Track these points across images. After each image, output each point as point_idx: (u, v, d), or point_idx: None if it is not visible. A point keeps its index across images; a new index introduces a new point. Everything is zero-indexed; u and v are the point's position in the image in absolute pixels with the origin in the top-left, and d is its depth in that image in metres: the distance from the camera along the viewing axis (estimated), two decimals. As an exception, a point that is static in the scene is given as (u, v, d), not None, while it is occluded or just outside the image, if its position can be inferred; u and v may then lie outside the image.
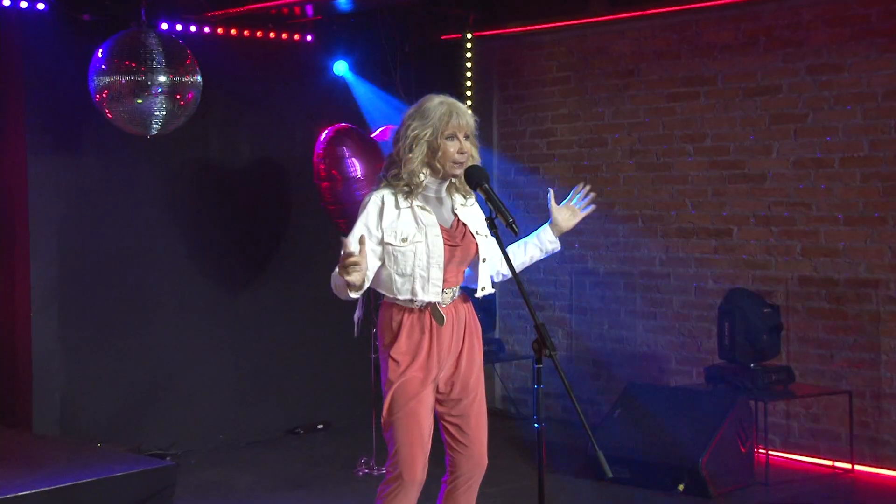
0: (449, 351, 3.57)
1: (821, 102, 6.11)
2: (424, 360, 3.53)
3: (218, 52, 6.31)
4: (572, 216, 3.88)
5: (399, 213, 3.51)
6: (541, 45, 7.39)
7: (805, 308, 6.20)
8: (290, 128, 6.77)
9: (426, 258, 3.49)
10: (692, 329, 6.69)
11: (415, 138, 3.49)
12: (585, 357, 7.20)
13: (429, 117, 3.49)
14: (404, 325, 3.54)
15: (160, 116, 5.34)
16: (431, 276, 3.49)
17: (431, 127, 3.48)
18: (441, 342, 3.54)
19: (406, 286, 3.50)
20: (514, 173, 7.56)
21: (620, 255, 7.02)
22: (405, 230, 3.50)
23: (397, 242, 3.49)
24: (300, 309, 6.82)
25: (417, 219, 3.51)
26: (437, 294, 3.50)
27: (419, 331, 3.53)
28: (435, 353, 3.54)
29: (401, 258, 3.50)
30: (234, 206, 6.62)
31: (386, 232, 3.50)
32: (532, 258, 3.84)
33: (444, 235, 3.53)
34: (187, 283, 6.44)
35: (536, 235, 3.84)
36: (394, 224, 3.51)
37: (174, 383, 6.37)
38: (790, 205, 6.25)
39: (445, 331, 3.55)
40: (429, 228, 3.50)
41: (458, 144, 3.50)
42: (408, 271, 3.50)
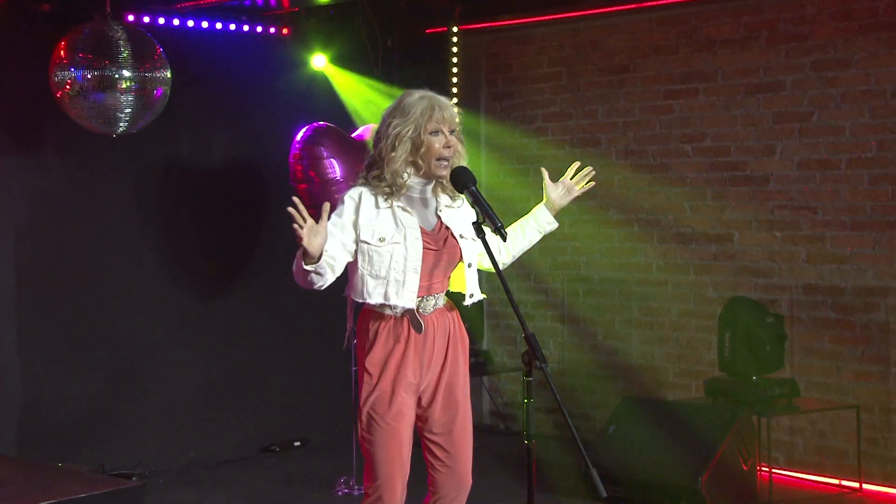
0: (430, 362, 3.56)
1: (827, 100, 6.13)
2: (402, 371, 3.51)
3: (188, 46, 6.29)
4: (567, 193, 3.93)
5: (378, 212, 3.52)
6: (531, 38, 7.40)
7: (810, 318, 6.21)
8: (266, 126, 6.76)
9: (403, 261, 3.48)
10: (691, 340, 6.69)
11: (397, 136, 3.49)
12: (578, 370, 7.20)
13: (410, 113, 3.50)
14: (380, 333, 3.53)
15: (126, 114, 5.32)
16: (407, 280, 3.48)
17: (413, 123, 3.49)
18: (420, 352, 3.53)
19: (378, 290, 3.50)
20: (503, 175, 7.56)
21: (615, 261, 7.03)
22: (383, 230, 3.49)
23: (374, 241, 3.49)
24: (276, 318, 6.81)
25: (397, 219, 3.51)
26: (412, 300, 3.49)
27: (395, 339, 3.52)
28: (414, 364, 3.52)
29: (376, 259, 3.49)
30: (206, 210, 6.60)
31: (362, 229, 3.50)
32: (531, 241, 3.90)
33: (425, 239, 3.52)
34: (155, 292, 6.41)
35: (533, 217, 3.89)
36: (371, 222, 3.50)
37: (141, 398, 6.34)
38: (794, 208, 6.26)
39: (426, 340, 3.54)
40: (408, 230, 3.50)
41: (444, 139, 3.51)
42: (382, 273, 3.49)
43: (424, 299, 3.54)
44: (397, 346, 3.52)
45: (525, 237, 3.88)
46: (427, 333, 3.54)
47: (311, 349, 6.86)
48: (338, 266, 3.50)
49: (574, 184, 3.94)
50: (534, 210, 3.91)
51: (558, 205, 3.91)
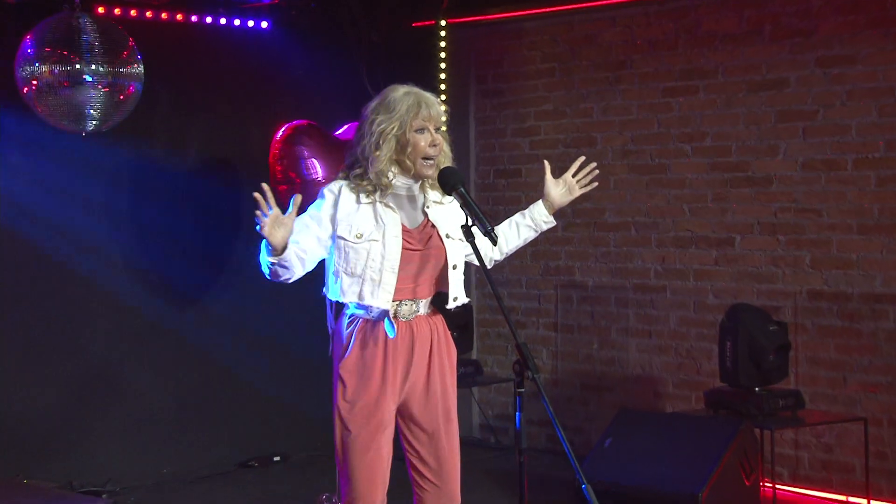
0: (406, 372, 3.54)
1: (832, 98, 6.15)
2: (379, 380, 3.50)
3: (162, 40, 6.28)
4: (568, 192, 3.89)
5: (358, 207, 3.52)
6: (522, 33, 7.40)
7: (815, 326, 6.22)
8: (244, 125, 6.75)
9: (380, 259, 3.48)
10: (690, 349, 6.70)
11: (381, 134, 3.49)
12: (572, 380, 7.19)
13: (395, 110, 3.50)
14: (355, 337, 3.52)
15: (97, 112, 5.30)
16: (383, 280, 3.48)
17: (399, 120, 3.49)
18: (400, 360, 3.52)
19: (353, 288, 3.49)
20: (494, 176, 7.56)
21: (611, 266, 7.03)
22: (362, 226, 3.50)
23: (351, 238, 3.49)
24: (254, 326, 6.79)
25: (378, 215, 3.51)
26: (387, 301, 3.48)
27: (372, 344, 3.51)
28: (392, 372, 3.50)
29: (352, 255, 3.49)
30: (181, 214, 6.58)
31: (340, 224, 3.51)
32: (525, 239, 3.89)
33: (406, 238, 3.52)
34: (127, 299, 6.39)
35: (529, 213, 3.86)
36: (350, 217, 3.51)
37: (111, 410, 6.31)
38: (798, 211, 6.28)
39: (406, 348, 3.52)
40: (388, 227, 3.49)
41: (430, 137, 3.50)
42: (357, 271, 3.49)
43: (404, 303, 3.53)
44: (374, 352, 3.50)
45: (519, 235, 3.86)
46: (406, 341, 3.52)
47: (291, 358, 6.84)
48: (309, 260, 3.52)
49: (575, 182, 3.89)
50: (531, 206, 3.88)
51: (558, 203, 3.87)
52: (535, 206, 3.86)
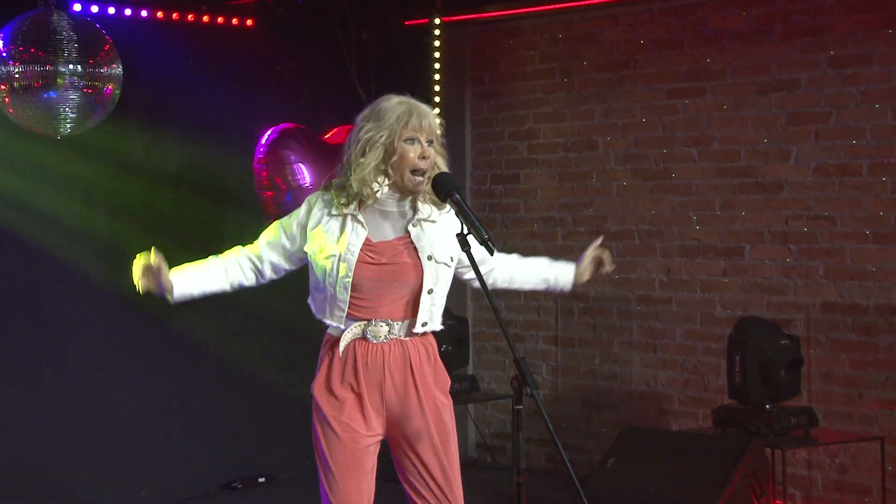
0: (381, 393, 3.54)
1: (846, 100, 6.16)
2: (355, 403, 3.53)
3: (141, 39, 6.28)
4: (591, 266, 3.94)
5: (328, 220, 3.57)
6: (520, 31, 7.41)
7: (829, 339, 6.22)
8: (227, 128, 6.74)
9: (335, 275, 3.53)
10: (697, 364, 6.69)
11: (368, 141, 3.50)
12: (573, 397, 7.18)
13: (385, 118, 3.51)
14: (325, 355, 3.60)
15: (73, 114, 5.29)
16: (338, 296, 3.53)
17: (388, 129, 3.49)
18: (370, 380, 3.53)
19: (320, 305, 3.61)
20: (490, 182, 7.56)
21: (614, 276, 7.02)
22: (325, 240, 3.55)
23: (313, 253, 3.58)
24: (238, 342, 6.78)
25: (345, 230, 3.53)
26: (341, 319, 3.53)
27: (339, 363, 3.55)
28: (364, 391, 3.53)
29: (317, 270, 3.58)
30: (161, 221, 6.56)
31: (310, 239, 3.59)
32: (535, 285, 3.92)
33: (367, 252, 3.50)
34: (104, 310, 6.37)
35: (554, 267, 3.90)
36: (316, 230, 3.57)
37: (87, 428, 6.29)
38: (811, 219, 6.28)
39: (372, 368, 3.53)
40: (350, 242, 3.51)
41: (420, 148, 3.49)
42: (320, 287, 3.58)
43: (375, 323, 3.53)
44: (344, 374, 3.55)
45: (530, 276, 3.87)
46: (378, 364, 3.52)
47: (277, 376, 6.82)
48: (267, 270, 3.68)
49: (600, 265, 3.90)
50: (562, 263, 3.90)
51: (581, 277, 3.92)
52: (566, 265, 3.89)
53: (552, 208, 7.26)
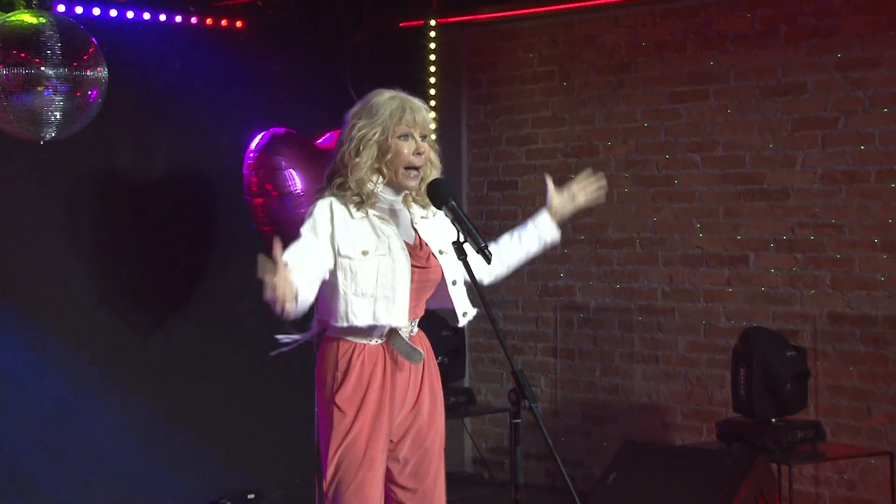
0: (403, 401, 3.55)
1: (854, 104, 6.16)
2: (375, 411, 3.50)
3: (127, 41, 6.27)
4: (571, 200, 3.91)
5: (355, 223, 3.51)
6: (518, 33, 7.41)
7: (836, 351, 6.22)
8: (216, 132, 6.73)
9: (391, 274, 3.48)
10: (701, 376, 6.69)
11: (361, 139, 3.50)
12: (573, 410, 7.18)
13: (377, 114, 3.51)
14: (354, 364, 3.51)
15: (56, 118, 5.28)
16: (398, 296, 3.48)
17: (381, 125, 3.50)
18: (395, 388, 3.52)
19: (366, 310, 3.47)
20: (487, 188, 7.55)
21: (615, 286, 7.02)
22: (365, 241, 3.49)
23: (356, 255, 3.47)
24: (226, 354, 6.76)
25: (377, 229, 3.50)
26: (404, 318, 3.49)
27: (371, 372, 3.50)
28: (388, 402, 3.51)
29: (361, 274, 3.47)
30: (147, 229, 6.56)
31: (341, 243, 3.48)
32: (528, 252, 3.88)
33: (409, 250, 3.53)
34: (87, 322, 6.36)
35: (533, 224, 3.87)
36: (349, 233, 3.49)
37: (67, 444, 6.27)
38: (817, 227, 6.28)
39: (402, 373, 3.53)
40: (391, 240, 3.50)
41: (414, 144, 3.51)
42: (369, 291, 3.47)
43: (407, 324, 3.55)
44: (374, 381, 3.50)
45: (522, 245, 3.86)
46: (405, 367, 3.53)
47: (266, 389, 6.81)
48: (315, 287, 3.44)
49: (579, 192, 3.91)
50: (535, 217, 3.89)
51: (559, 213, 3.89)
52: (539, 215, 3.87)
53: (551, 216, 7.24)
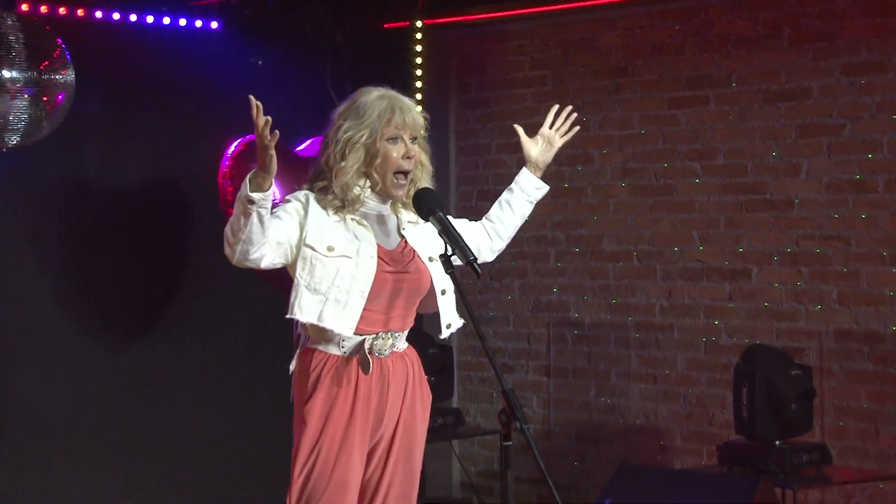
0: (380, 417, 3.54)
1: (860, 110, 6.18)
2: (349, 428, 3.49)
3: (96, 42, 6.25)
4: (549, 146, 4.00)
5: (329, 219, 3.52)
6: (509, 35, 7.42)
7: (843, 370, 6.22)
8: (190, 139, 6.72)
9: (350, 278, 3.47)
10: (701, 396, 6.69)
11: (348, 142, 3.50)
12: (567, 431, 7.17)
13: (365, 115, 3.51)
14: (324, 374, 3.51)
15: (20, 124, 5.27)
16: (350, 303, 3.47)
17: (369, 127, 3.50)
18: (369, 405, 3.50)
19: (313, 307, 3.47)
20: (477, 198, 7.55)
21: (610, 301, 7.02)
22: (334, 239, 3.49)
23: (321, 249, 3.48)
24: (205, 369, 6.74)
25: (351, 231, 3.51)
26: (350, 327, 3.47)
27: (343, 383, 3.50)
28: (363, 419, 3.50)
29: (318, 269, 3.48)
30: (118, 241, 6.54)
31: (310, 232, 3.49)
32: (523, 216, 3.96)
33: (383, 258, 3.52)
34: (57, 338, 6.33)
35: (518, 186, 3.93)
36: (321, 226, 3.50)
37: (40, 465, 6.24)
38: (823, 239, 6.29)
39: (375, 390, 3.51)
40: (363, 245, 3.49)
41: (404, 148, 3.51)
42: (322, 288, 3.48)
43: (380, 337, 3.52)
44: (344, 394, 3.49)
45: (515, 212, 3.92)
46: (379, 382, 3.51)
47: (248, 405, 6.78)
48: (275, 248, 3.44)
49: (554, 133, 3.97)
50: (517, 178, 3.96)
51: (541, 163, 3.98)
52: (521, 175, 3.95)
53: (544, 227, 7.25)
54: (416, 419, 3.62)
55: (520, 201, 3.92)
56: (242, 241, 3.34)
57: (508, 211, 3.91)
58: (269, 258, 3.44)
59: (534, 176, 3.93)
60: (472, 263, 3.33)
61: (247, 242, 3.35)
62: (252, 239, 3.34)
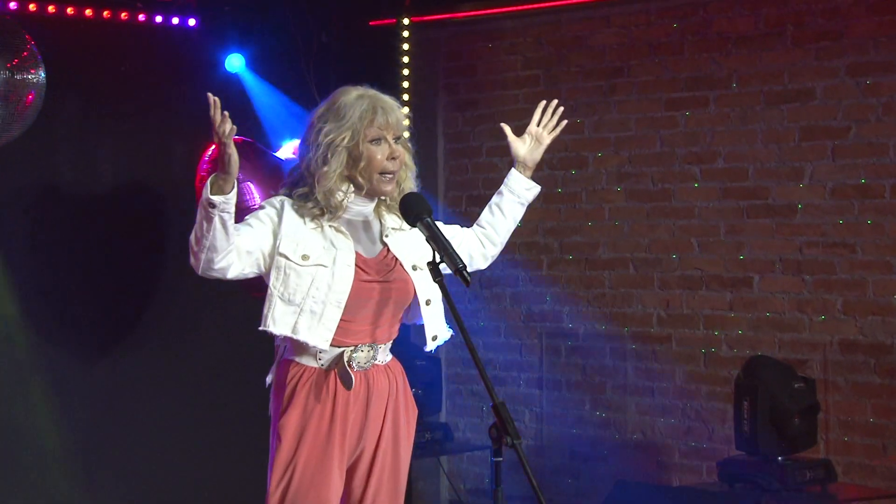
0: (360, 434, 3.52)
1: (866, 112, 6.19)
2: (324, 443, 3.48)
3: (68, 40, 6.25)
4: (537, 144, 4.01)
5: (304, 227, 3.52)
6: (500, 34, 7.42)
7: (849, 383, 6.23)
8: (167, 142, 6.71)
9: (326, 289, 3.46)
10: (701, 410, 6.69)
11: (329, 145, 3.50)
12: (560, 447, 7.16)
13: (346, 117, 3.51)
14: (300, 388, 3.51)
15: (-12, 125, 5.26)
16: (325, 314, 3.46)
17: (350, 129, 3.50)
18: (347, 420, 3.49)
19: (287, 319, 3.48)
20: (466, 203, 7.55)
21: (606, 311, 7.02)
22: (309, 247, 3.49)
23: (295, 258, 3.48)
24: (179, 383, 6.73)
25: (328, 239, 3.50)
26: (326, 340, 3.46)
27: (321, 397, 3.49)
28: (341, 435, 3.49)
29: (293, 279, 3.48)
30: (90, 248, 6.53)
31: (283, 240, 3.49)
32: (516, 219, 3.97)
33: (362, 267, 3.51)
34: (25, 350, 6.31)
35: (507, 188, 3.94)
36: (296, 234, 3.50)
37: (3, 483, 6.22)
38: (827, 246, 6.30)
39: (355, 404, 3.50)
40: (340, 253, 3.48)
41: (387, 149, 3.51)
42: (296, 299, 3.48)
43: (360, 349, 3.51)
44: (321, 409, 3.49)
45: (506, 215, 3.94)
46: (361, 395, 3.51)
47: (223, 423, 6.77)
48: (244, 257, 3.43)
49: (542, 130, 3.98)
50: (506, 179, 3.96)
51: (531, 161, 3.99)
52: (511, 176, 3.96)
53: (536, 233, 7.25)
54: (401, 435, 3.61)
55: (511, 204, 3.93)
56: (206, 248, 3.35)
57: (500, 215, 3.92)
58: (236, 268, 3.44)
59: (523, 176, 3.95)
60: (462, 271, 3.32)
61: (211, 250, 3.35)
62: (216, 246, 3.35)
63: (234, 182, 3.31)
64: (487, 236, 3.92)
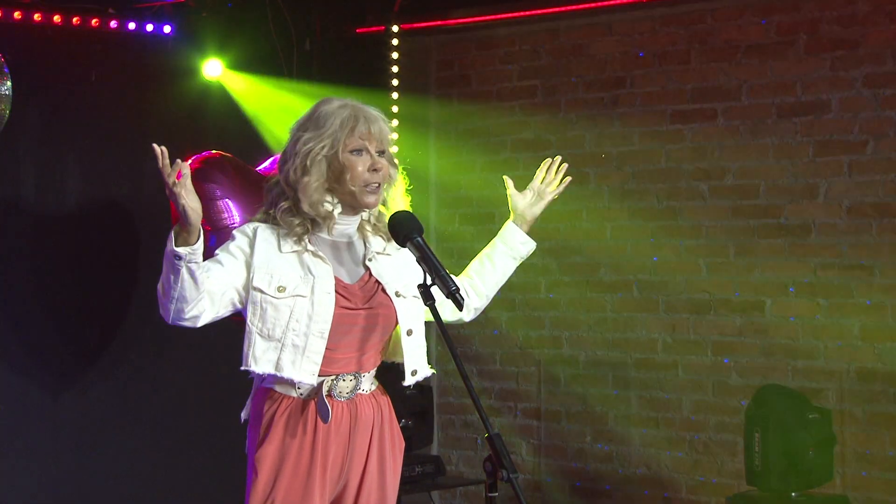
0: (342, 468, 3.53)
1: (884, 125, 6.21)
2: (304, 478, 3.48)
3: (35, 49, 6.26)
4: (538, 199, 4.03)
5: (280, 255, 3.52)
6: (495, 42, 7.44)
7: (866, 413, 6.24)
8: (138, 155, 6.70)
9: (307, 320, 3.47)
10: (709, 442, 6.69)
11: (308, 154, 3.50)
12: (559, 481, 7.16)
13: (326, 125, 3.52)
14: (278, 418, 3.51)
15: (-50, 138, 5.27)
16: (309, 346, 3.47)
17: (330, 138, 3.51)
18: (328, 452, 3.50)
19: (269, 355, 3.48)
20: (459, 222, 7.56)
21: (608, 337, 7.03)
22: (284, 277, 3.49)
23: (271, 291, 3.49)
24: (151, 415, 6.72)
25: (305, 266, 3.50)
26: (312, 374, 3.47)
27: (300, 429, 3.49)
28: (319, 468, 3.49)
29: (270, 313, 3.48)
30: (57, 268, 6.52)
31: (257, 272, 3.50)
32: (506, 273, 3.97)
33: (342, 293, 3.52)
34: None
35: (501, 240, 3.96)
36: (270, 265, 3.51)
37: None
38: (844, 268, 6.32)
39: (337, 436, 3.51)
40: (318, 281, 3.48)
41: (369, 160, 3.52)
42: (276, 334, 3.49)
43: (343, 378, 3.52)
44: (300, 441, 3.49)
45: (496, 268, 3.93)
46: (344, 426, 3.51)
47: (197, 456, 6.77)
48: (217, 300, 3.46)
49: (545, 186, 3.99)
50: (501, 231, 3.98)
51: (529, 216, 4.02)
52: (506, 228, 3.98)
53: (534, 254, 7.23)
54: (387, 468, 3.62)
55: (503, 257, 3.94)
56: (175, 299, 3.38)
57: (489, 266, 3.92)
58: (209, 314, 3.47)
59: (519, 230, 3.96)
60: (455, 294, 3.33)
61: (180, 301, 3.39)
62: (185, 297, 3.38)
63: (199, 231, 3.32)
64: (474, 287, 3.92)
